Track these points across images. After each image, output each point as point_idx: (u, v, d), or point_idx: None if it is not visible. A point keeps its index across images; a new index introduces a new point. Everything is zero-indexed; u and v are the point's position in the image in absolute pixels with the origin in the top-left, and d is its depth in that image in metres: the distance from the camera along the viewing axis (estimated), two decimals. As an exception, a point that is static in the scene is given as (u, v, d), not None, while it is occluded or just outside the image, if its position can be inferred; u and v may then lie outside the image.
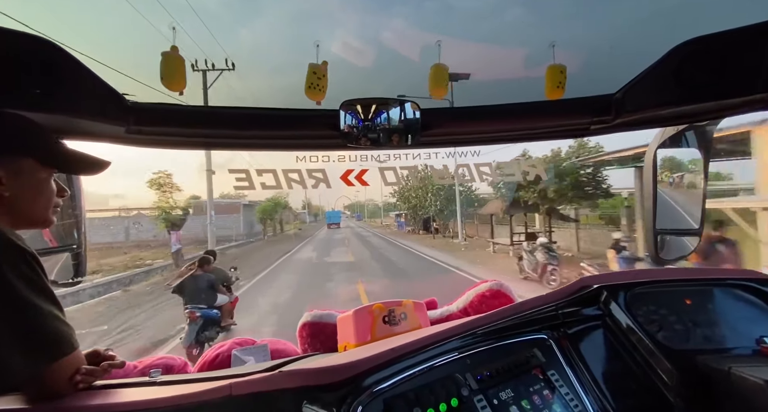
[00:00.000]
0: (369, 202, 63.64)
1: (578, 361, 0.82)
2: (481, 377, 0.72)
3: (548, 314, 0.88)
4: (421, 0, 9.57)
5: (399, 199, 33.84)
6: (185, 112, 1.24)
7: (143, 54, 2.38)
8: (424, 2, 9.67)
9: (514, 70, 1.87)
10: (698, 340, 0.82)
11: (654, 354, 0.78)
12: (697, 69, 1.05)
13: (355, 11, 11.10)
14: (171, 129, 1.23)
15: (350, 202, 65.55)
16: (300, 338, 1.17)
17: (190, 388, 0.69)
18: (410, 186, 26.75)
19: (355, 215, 61.55)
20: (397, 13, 9.81)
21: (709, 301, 0.90)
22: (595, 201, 13.13)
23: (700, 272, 0.99)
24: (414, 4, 10.44)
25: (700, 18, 2.93)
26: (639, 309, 0.88)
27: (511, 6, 10.97)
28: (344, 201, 63.00)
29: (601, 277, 0.97)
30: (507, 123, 1.36)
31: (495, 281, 1.24)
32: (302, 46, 4.81)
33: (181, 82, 1.15)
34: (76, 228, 1.30)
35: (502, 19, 8.15)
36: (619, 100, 1.24)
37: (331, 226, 35.89)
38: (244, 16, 9.56)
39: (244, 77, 3.45)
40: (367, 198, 61.21)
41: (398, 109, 1.30)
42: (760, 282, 0.90)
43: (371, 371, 0.65)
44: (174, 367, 1.04)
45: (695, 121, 1.28)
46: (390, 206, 60.88)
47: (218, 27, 7.18)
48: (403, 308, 1.03)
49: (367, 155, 1.68)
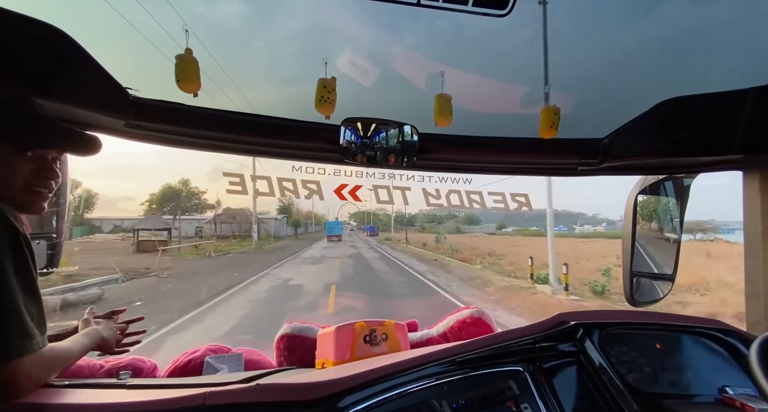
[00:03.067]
0: (380, 211, 54.16)
1: (551, 396, 0.83)
2: (456, 406, 0.73)
3: (526, 346, 0.90)
4: (433, 19, 9.93)
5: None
6: (188, 112, 1.25)
7: (155, 54, 2.38)
8: (435, 20, 10.03)
9: (511, 104, 1.98)
10: (665, 384, 0.85)
11: (623, 395, 0.81)
12: (679, 126, 1.14)
13: (367, 27, 11.45)
14: (172, 127, 1.23)
15: (357, 210, 55.44)
16: (277, 350, 1.15)
17: (161, 394, 0.67)
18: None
19: (367, 228, 49.15)
20: (410, 30, 10.11)
21: (678, 347, 0.94)
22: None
23: (670, 318, 1.03)
24: (425, 22, 10.79)
25: (686, 76, 3.19)
26: (612, 349, 0.91)
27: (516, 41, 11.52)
28: (349, 209, 52.41)
29: (578, 314, 1.00)
30: (500, 155, 1.42)
31: (476, 308, 1.26)
32: (312, 60, 4.96)
33: (195, 84, 1.16)
34: (57, 216, 1.26)
35: (503, 53, 8.54)
36: (606, 145, 1.32)
37: (332, 238, 31.29)
38: (259, 28, 9.66)
39: (256, 87, 3.44)
40: (377, 206, 49.27)
41: (397, 130, 1.34)
42: (724, 332, 0.95)
43: (349, 391, 0.65)
44: (143, 369, 1.00)
45: (674, 172, 1.37)
46: (403, 217, 56.71)
47: (235, 37, 7.26)
48: (385, 329, 1.03)
49: (363, 172, 1.71)
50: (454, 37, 1.58)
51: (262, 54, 2.49)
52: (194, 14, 1.40)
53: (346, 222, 51.50)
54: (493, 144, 1.41)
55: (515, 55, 1.50)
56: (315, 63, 1.30)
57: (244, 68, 1.99)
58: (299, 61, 1.35)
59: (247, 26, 2.41)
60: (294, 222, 36.13)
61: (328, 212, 48.76)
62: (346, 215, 56.01)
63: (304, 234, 40.82)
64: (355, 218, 64.85)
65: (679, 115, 1.14)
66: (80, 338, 0.82)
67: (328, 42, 1.66)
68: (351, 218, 62.93)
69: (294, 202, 36.68)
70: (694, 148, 1.12)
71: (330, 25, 1.61)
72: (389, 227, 49.99)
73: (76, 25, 1.00)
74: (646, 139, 1.22)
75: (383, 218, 57.42)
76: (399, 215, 55.01)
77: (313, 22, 1.71)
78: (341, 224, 38.72)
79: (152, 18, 1.25)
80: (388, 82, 1.74)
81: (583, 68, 1.50)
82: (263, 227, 30.47)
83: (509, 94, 1.52)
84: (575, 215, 66.96)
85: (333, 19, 1.60)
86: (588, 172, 1.41)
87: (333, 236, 31.34)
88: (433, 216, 63.24)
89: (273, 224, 32.87)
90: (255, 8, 2.13)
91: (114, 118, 1.14)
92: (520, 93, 1.50)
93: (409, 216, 64.51)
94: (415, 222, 64.13)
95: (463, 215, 60.23)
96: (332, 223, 35.15)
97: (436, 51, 1.54)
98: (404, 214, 55.96)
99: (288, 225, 35.63)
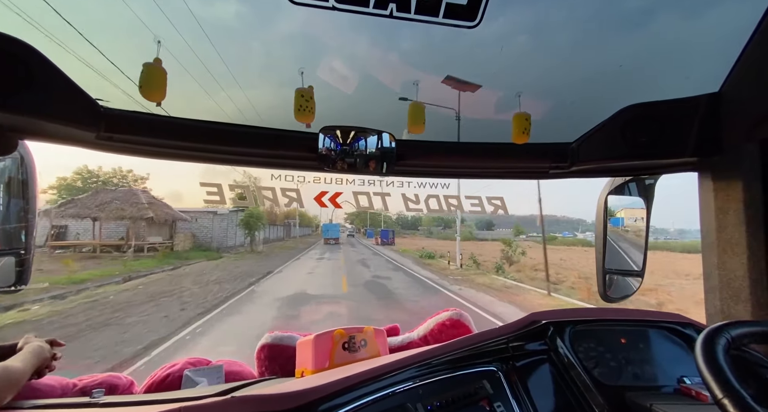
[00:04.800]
0: (382, 210, 47.25)
1: (523, 393, 0.87)
2: (431, 408, 0.75)
3: (499, 346, 0.93)
4: (428, 27, 9.93)
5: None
6: (161, 122, 1.24)
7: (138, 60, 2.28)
8: (431, 29, 10.05)
9: (483, 110, 2.03)
10: (628, 377, 0.90)
11: (590, 389, 0.85)
12: (639, 130, 1.20)
13: (344, 36, 11.14)
14: (145, 138, 1.22)
15: (355, 209, 46.00)
16: (258, 360, 1.15)
17: (135, 411, 0.67)
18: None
19: (376, 234, 37.79)
20: (405, 36, 9.89)
21: (641, 341, 1.00)
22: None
23: (635, 314, 1.08)
24: (422, 30, 10.71)
25: (645, 84, 3.30)
26: (580, 346, 0.96)
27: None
28: (345, 207, 45.88)
29: (549, 313, 1.04)
30: (475, 160, 1.46)
31: (455, 310, 1.29)
32: (294, 67, 4.82)
33: (160, 93, 1.15)
34: (26, 232, 1.23)
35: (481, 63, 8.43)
36: (574, 149, 1.38)
37: (329, 241, 30.39)
38: (255, 29, 9.06)
39: (247, 89, 3.35)
40: (378, 206, 45.78)
41: (375, 137, 1.37)
42: (682, 325, 1.01)
43: (325, 399, 0.66)
44: (119, 386, 0.99)
45: (638, 174, 1.44)
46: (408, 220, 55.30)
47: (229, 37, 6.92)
48: (364, 335, 1.05)
49: (343, 179, 1.72)
50: (428, 47, 1.62)
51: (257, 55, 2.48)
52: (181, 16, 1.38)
53: (342, 225, 43.28)
54: (468, 149, 1.45)
55: (488, 63, 1.55)
56: (302, 70, 1.32)
57: (240, 68, 1.99)
58: (289, 66, 1.35)
59: (244, 25, 2.38)
60: (248, 220, 19.21)
61: (320, 213, 44.35)
62: (342, 216, 48.34)
63: (285, 240, 31.29)
64: (350, 219, 55.52)
65: (639, 121, 1.20)
66: (27, 356, 0.82)
67: (308, 50, 1.67)
68: (347, 219, 53.88)
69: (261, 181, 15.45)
70: (653, 152, 1.19)
71: (308, 33, 1.62)
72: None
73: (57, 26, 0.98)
74: (610, 143, 1.28)
75: (386, 221, 49.59)
76: (400, 218, 51.44)
77: (295, 29, 1.72)
78: (339, 226, 36.65)
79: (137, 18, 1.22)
80: (365, 90, 1.76)
81: (551, 77, 1.56)
82: (189, 228, 17.64)
83: (482, 100, 1.57)
84: (575, 221, 65.77)
85: (311, 28, 1.61)
86: (558, 175, 1.47)
87: (330, 239, 31.19)
88: (440, 218, 55.42)
89: (213, 224, 18.56)
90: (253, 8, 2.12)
91: (84, 130, 1.12)
92: (494, 100, 1.54)
93: (412, 218, 59.37)
94: (420, 225, 58.92)
95: (474, 218, 53.75)
96: (329, 225, 33.66)
97: (411, 59, 1.58)
98: (406, 216, 52.23)
99: (239, 226, 19.71)
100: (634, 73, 1.32)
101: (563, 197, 77.23)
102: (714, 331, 0.60)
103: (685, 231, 43.60)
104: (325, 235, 31.95)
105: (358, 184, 1.61)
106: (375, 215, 48.12)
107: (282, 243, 28.31)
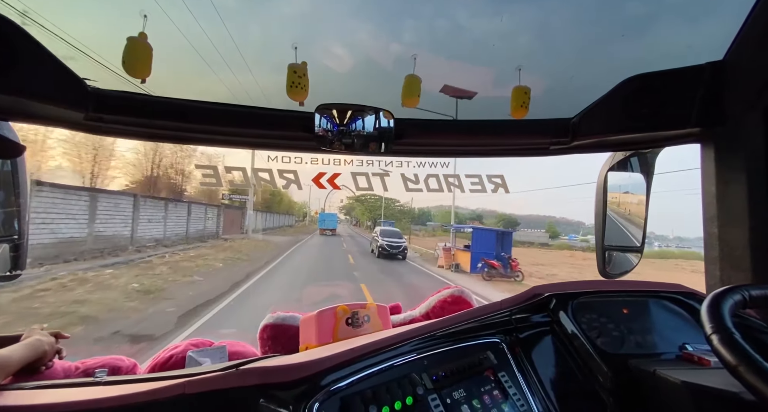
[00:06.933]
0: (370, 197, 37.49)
1: (527, 364, 0.87)
2: (436, 378, 0.75)
3: (502, 319, 0.93)
4: (432, 17, 9.56)
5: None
6: (153, 102, 1.20)
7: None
8: (434, 20, 9.69)
9: (482, 87, 1.97)
10: (631, 345, 0.91)
11: (593, 358, 0.86)
12: (640, 102, 1.18)
13: (369, 20, 10.64)
14: (136, 119, 1.18)
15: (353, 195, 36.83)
16: (260, 340, 1.15)
17: (139, 387, 0.66)
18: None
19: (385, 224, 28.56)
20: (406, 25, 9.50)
21: (643, 311, 1.00)
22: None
23: (637, 285, 1.09)
24: (426, 17, 10.29)
25: (647, 54, 3.20)
26: (583, 317, 0.96)
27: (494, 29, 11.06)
28: (345, 193, 36.69)
29: (552, 286, 1.04)
30: (475, 138, 1.44)
31: (457, 287, 1.29)
32: (306, 46, 4.62)
33: (145, 70, 1.11)
34: (18, 218, 1.20)
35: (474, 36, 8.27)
36: (575, 124, 1.36)
37: (324, 231, 28.40)
38: (256, 9, 8.52)
39: (246, 72, 3.19)
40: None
41: (373, 116, 1.34)
42: (685, 295, 1.02)
43: (329, 370, 0.66)
44: (122, 368, 0.98)
45: (639, 148, 1.43)
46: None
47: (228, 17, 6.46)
48: (367, 311, 1.04)
49: (341, 160, 1.70)
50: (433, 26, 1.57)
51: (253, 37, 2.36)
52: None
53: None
54: (468, 127, 1.42)
55: (489, 39, 1.51)
56: (295, 45, 1.27)
57: (235, 50, 1.91)
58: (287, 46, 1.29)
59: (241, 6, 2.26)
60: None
61: (309, 199, 38.60)
62: (336, 207, 39.99)
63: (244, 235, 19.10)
64: (346, 210, 46.73)
65: (641, 92, 1.18)
66: (20, 347, 0.82)
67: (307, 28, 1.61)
68: (341, 209, 45.01)
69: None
70: (655, 124, 1.17)
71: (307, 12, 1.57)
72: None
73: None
74: (611, 117, 1.26)
75: (397, 213, 39.79)
76: (404, 209, 39.95)
77: (297, 10, 1.65)
78: (336, 216, 33.49)
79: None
80: (362, 68, 1.72)
81: (552, 51, 1.53)
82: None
83: (482, 77, 1.54)
84: (575, 223, 63.96)
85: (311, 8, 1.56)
86: (559, 151, 1.45)
87: (326, 229, 28.77)
88: (447, 214, 41.62)
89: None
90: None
91: (72, 111, 1.09)
92: (492, 76, 1.51)
93: (420, 211, 47.54)
94: (430, 219, 48.44)
95: (496, 215, 47.75)
96: (325, 215, 31.30)
97: (413, 37, 1.53)
98: (411, 207, 40.21)
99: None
100: (636, 43, 1.28)
101: (563, 201, 77.26)
102: (724, 291, 0.60)
103: (683, 239, 42.64)
104: (321, 225, 29.71)
105: (357, 165, 1.59)
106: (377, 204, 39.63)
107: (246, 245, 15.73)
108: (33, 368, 0.86)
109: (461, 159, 1.68)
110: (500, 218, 48.32)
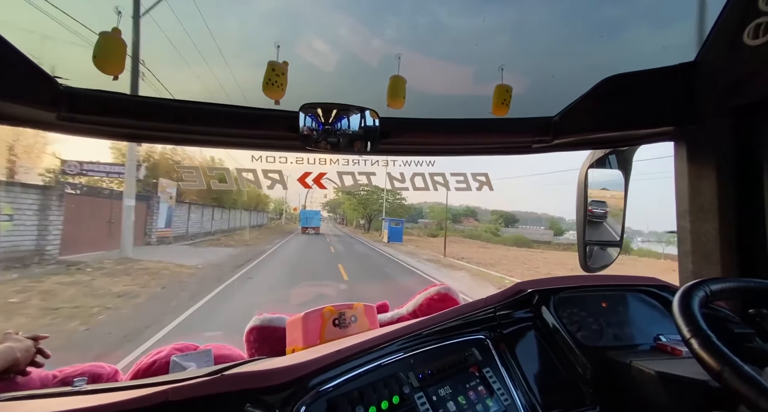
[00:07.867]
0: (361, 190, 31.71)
1: (511, 359, 0.89)
2: (422, 376, 0.76)
3: (487, 315, 0.95)
4: (413, 14, 9.13)
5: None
6: (129, 101, 1.17)
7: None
8: (414, 16, 9.27)
9: (464, 86, 1.98)
10: (609, 338, 0.94)
11: (573, 351, 0.89)
12: (617, 102, 1.22)
13: (350, 14, 10.16)
14: (111, 119, 1.14)
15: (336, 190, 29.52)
16: (247, 343, 1.14)
17: (121, 395, 0.65)
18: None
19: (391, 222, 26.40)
20: (388, 22, 9.12)
21: (621, 304, 1.04)
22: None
23: (616, 279, 1.13)
24: (407, 14, 9.93)
25: (624, 55, 3.28)
26: (564, 311, 0.99)
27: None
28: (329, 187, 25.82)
29: (535, 282, 1.07)
30: (459, 136, 1.45)
31: (443, 285, 1.31)
32: (288, 43, 4.44)
33: (118, 66, 1.07)
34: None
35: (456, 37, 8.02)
36: (557, 122, 1.39)
37: (307, 230, 25.18)
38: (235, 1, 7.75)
39: (223, 66, 3.04)
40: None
41: (358, 115, 1.33)
42: (659, 288, 1.06)
43: (316, 372, 0.66)
44: (102, 375, 0.96)
45: (618, 146, 1.47)
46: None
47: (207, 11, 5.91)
48: (354, 311, 1.05)
49: (327, 159, 1.68)
50: (414, 23, 1.57)
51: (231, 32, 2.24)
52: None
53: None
54: (453, 126, 1.43)
55: (472, 38, 1.52)
56: (278, 43, 1.25)
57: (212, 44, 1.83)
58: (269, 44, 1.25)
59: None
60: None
61: (285, 195, 34.02)
62: (318, 203, 36.84)
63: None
64: (330, 207, 43.00)
65: (618, 92, 1.21)
66: None
67: (288, 23, 1.58)
68: (324, 206, 41.07)
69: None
70: (632, 122, 1.21)
71: (287, 6, 1.54)
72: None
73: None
74: (591, 115, 1.29)
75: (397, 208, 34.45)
76: (403, 205, 35.47)
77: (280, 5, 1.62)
78: (319, 213, 30.11)
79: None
80: (346, 65, 1.71)
81: (534, 51, 1.55)
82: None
83: (465, 75, 1.55)
84: (557, 219, 64.28)
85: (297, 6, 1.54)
86: (542, 150, 1.48)
87: (309, 228, 25.61)
88: (450, 209, 40.88)
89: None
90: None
91: (44, 110, 1.04)
92: (475, 74, 1.52)
93: (411, 207, 40.49)
94: (423, 217, 45.51)
95: (493, 211, 44.33)
96: (308, 212, 27.87)
97: (394, 33, 1.53)
98: (403, 200, 34.60)
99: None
100: (614, 44, 1.32)
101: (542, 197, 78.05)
102: (691, 287, 0.63)
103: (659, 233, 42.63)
104: (303, 224, 26.31)
105: (342, 163, 1.59)
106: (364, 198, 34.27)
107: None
108: (4, 377, 0.83)
109: (447, 157, 1.70)
110: (499, 214, 47.17)
